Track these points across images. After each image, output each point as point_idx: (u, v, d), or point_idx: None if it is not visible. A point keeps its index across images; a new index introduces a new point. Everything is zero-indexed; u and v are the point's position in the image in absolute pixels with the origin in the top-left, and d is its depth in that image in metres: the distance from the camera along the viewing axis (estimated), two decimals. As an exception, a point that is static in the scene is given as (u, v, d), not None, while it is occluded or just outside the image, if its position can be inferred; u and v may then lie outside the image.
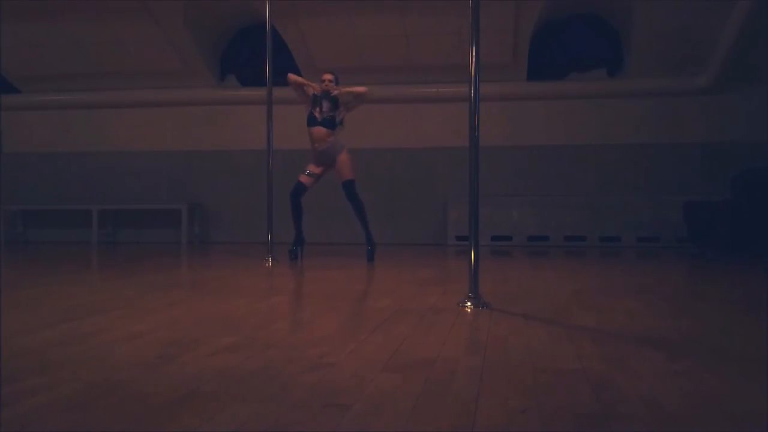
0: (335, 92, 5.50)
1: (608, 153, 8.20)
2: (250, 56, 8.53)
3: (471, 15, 3.10)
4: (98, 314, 2.78)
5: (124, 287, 3.83)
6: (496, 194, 8.02)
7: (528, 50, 7.91)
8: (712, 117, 7.97)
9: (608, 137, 8.20)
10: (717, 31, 7.25)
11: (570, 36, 8.30)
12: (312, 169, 5.65)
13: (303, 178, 5.62)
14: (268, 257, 5.37)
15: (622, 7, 7.63)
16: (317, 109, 5.54)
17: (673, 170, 8.04)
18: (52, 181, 9.03)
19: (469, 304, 2.92)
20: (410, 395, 1.53)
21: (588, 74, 8.35)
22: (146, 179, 8.92)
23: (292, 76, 5.64)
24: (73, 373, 1.76)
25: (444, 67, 7.90)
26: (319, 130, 5.51)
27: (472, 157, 3.06)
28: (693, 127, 8.03)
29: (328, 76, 5.57)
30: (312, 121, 5.54)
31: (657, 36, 7.57)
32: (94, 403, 1.49)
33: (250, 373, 1.76)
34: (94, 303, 3.15)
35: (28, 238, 9.13)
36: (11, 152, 8.76)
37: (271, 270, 4.94)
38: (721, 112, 7.94)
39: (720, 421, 1.39)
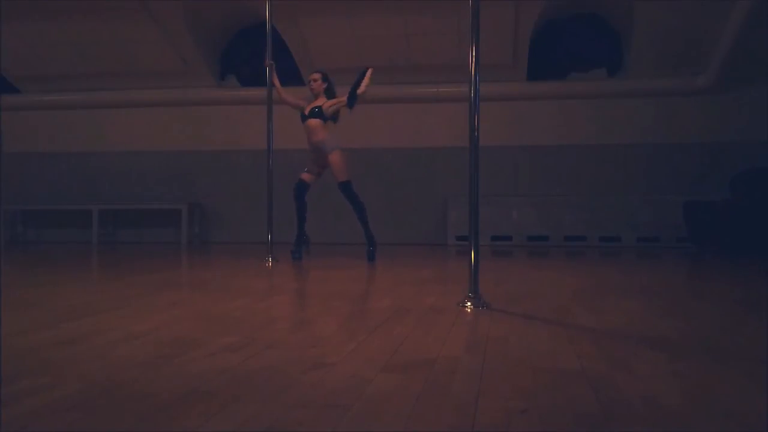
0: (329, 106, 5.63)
1: (608, 153, 8.21)
2: (250, 56, 8.53)
3: (471, 15, 3.10)
4: (98, 314, 2.78)
5: (124, 287, 3.83)
6: (496, 194, 8.02)
7: (528, 50, 7.91)
8: (712, 117, 7.97)
9: (608, 137, 8.20)
10: (717, 31, 7.25)
11: (570, 36, 8.29)
12: (310, 165, 5.70)
13: (304, 176, 5.70)
14: (268, 257, 5.37)
15: (622, 7, 7.63)
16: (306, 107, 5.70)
17: (673, 170, 8.04)
18: (52, 181, 9.04)
19: (469, 304, 2.92)
20: (410, 395, 1.53)
21: (588, 74, 8.35)
22: (146, 179, 8.92)
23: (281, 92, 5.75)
24: (73, 373, 1.76)
25: (444, 67, 7.90)
26: (309, 122, 5.60)
27: (472, 157, 3.06)
28: (693, 127, 8.03)
29: (314, 76, 5.72)
30: (303, 117, 5.65)
31: (657, 36, 7.57)
32: (94, 403, 1.49)
33: (250, 373, 1.75)
34: (94, 303, 3.15)
35: (28, 238, 9.14)
36: (11, 152, 8.76)
37: (271, 270, 4.94)
38: (721, 112, 7.95)
39: (720, 421, 1.39)
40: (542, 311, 2.89)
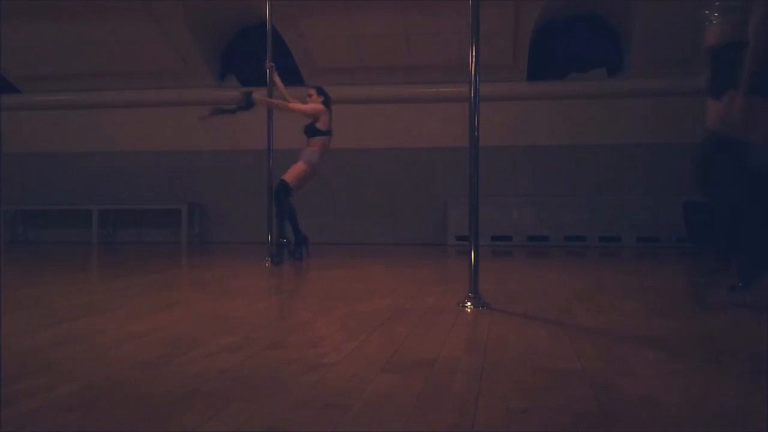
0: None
1: (608, 153, 8.20)
2: (250, 56, 8.53)
3: (471, 15, 3.10)
4: (98, 314, 2.78)
5: (124, 287, 3.83)
6: (496, 194, 8.02)
7: (528, 50, 7.91)
8: (711, 117, 7.95)
9: (608, 137, 8.20)
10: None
11: (570, 36, 8.29)
12: None
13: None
14: (268, 257, 5.37)
15: (622, 7, 7.63)
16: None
17: (673, 170, 8.03)
18: (52, 181, 9.03)
19: (469, 304, 2.92)
20: (410, 395, 1.53)
21: (588, 74, 8.34)
22: (146, 179, 8.92)
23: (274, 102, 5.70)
24: (73, 373, 1.76)
25: (444, 67, 7.90)
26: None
27: (472, 157, 3.06)
28: (693, 127, 8.00)
29: (310, 92, 5.79)
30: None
31: (657, 36, 7.56)
32: (94, 403, 1.49)
33: (250, 373, 1.76)
34: (94, 303, 3.15)
35: (28, 238, 9.13)
36: (11, 152, 8.75)
37: (271, 270, 4.94)
38: (721, 112, 7.92)
39: (720, 421, 1.39)
40: (542, 311, 2.89)
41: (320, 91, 5.75)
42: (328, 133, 5.66)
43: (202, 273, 5.06)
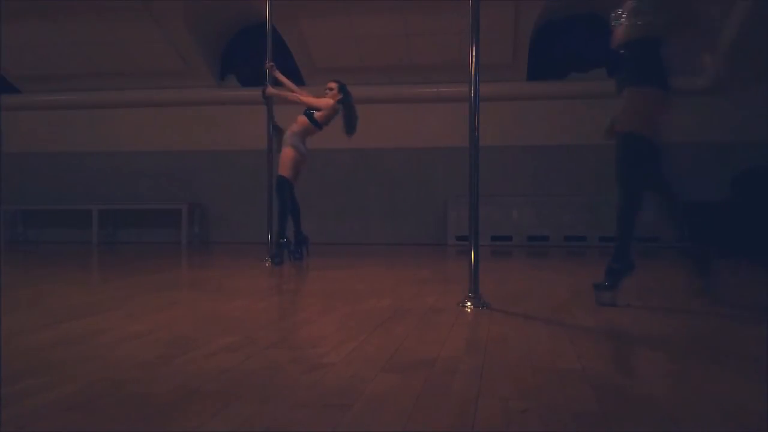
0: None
1: (608, 153, 8.13)
2: (250, 56, 8.54)
3: (471, 15, 3.10)
4: (98, 314, 2.78)
5: (124, 287, 3.83)
6: (496, 194, 8.02)
7: (528, 50, 7.91)
8: (712, 117, 7.96)
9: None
10: (717, 32, 7.24)
11: (570, 36, 8.30)
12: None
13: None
14: (268, 257, 5.37)
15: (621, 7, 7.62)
16: None
17: (672, 170, 8.03)
18: (52, 181, 9.04)
19: (469, 304, 2.92)
20: (410, 395, 1.53)
21: (588, 74, 8.34)
22: (146, 179, 8.92)
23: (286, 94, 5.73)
24: (73, 373, 1.76)
25: (444, 67, 7.90)
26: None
27: (472, 157, 3.06)
28: (693, 127, 8.02)
29: (331, 84, 5.76)
30: None
31: (657, 36, 7.56)
32: (94, 403, 1.49)
33: (250, 373, 1.76)
34: (94, 303, 3.15)
35: (28, 238, 9.14)
36: (11, 152, 8.76)
37: (271, 270, 4.94)
38: (721, 112, 7.93)
39: (720, 421, 1.39)
40: (542, 311, 2.89)
41: (342, 88, 5.72)
42: (318, 126, 5.64)
43: (202, 273, 5.06)
